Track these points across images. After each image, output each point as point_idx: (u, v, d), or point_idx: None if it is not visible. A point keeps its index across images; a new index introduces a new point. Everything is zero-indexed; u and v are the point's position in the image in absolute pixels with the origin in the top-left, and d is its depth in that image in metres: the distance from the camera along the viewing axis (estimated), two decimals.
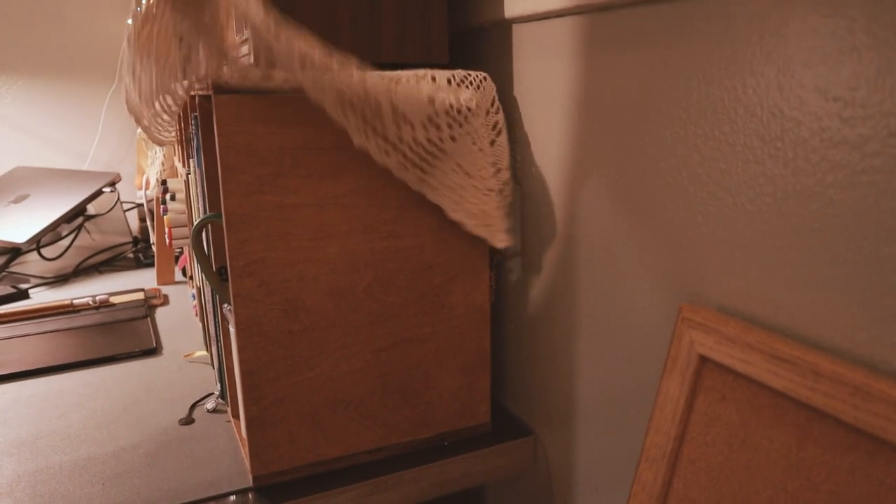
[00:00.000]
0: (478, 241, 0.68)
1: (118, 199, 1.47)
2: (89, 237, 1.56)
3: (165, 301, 1.20)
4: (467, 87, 0.63)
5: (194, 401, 0.82)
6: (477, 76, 0.64)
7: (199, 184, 0.72)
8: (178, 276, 1.34)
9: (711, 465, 0.45)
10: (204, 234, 0.72)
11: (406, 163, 0.61)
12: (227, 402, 0.77)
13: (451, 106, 0.62)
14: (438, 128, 0.62)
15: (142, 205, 1.53)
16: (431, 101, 0.60)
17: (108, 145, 1.69)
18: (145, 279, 1.34)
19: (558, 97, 0.62)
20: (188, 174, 0.84)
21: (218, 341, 0.76)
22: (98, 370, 0.92)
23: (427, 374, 0.69)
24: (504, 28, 0.68)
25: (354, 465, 0.68)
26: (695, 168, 0.49)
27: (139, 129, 1.18)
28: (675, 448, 0.47)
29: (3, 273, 1.39)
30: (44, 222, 1.31)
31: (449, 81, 0.62)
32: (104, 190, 1.39)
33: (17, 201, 1.41)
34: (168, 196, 1.02)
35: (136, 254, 1.51)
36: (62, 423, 0.78)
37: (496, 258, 0.77)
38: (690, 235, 0.50)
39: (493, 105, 0.65)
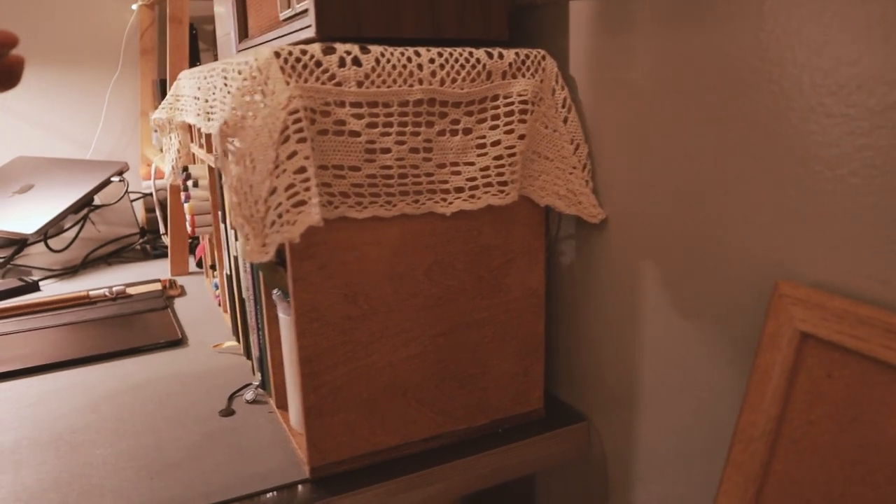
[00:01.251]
0: (534, 223, 0.66)
1: (127, 188, 1.43)
2: (94, 228, 1.52)
3: (182, 292, 1.16)
4: (524, 73, 0.61)
5: (232, 391, 0.79)
6: (536, 55, 0.62)
7: None
8: (192, 266, 1.31)
9: (818, 445, 0.43)
10: None
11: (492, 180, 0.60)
12: (268, 393, 0.75)
13: (512, 111, 0.60)
14: (506, 136, 0.60)
15: (149, 195, 1.50)
16: (483, 144, 0.59)
17: (112, 134, 1.65)
18: (157, 270, 1.31)
19: (624, 74, 0.60)
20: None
21: (259, 330, 0.73)
22: (123, 362, 0.89)
23: (483, 360, 0.67)
24: (560, 4, 0.66)
25: (410, 453, 0.66)
26: (788, 142, 0.48)
27: (154, 115, 1.15)
28: (774, 428, 0.45)
29: (9, 265, 1.35)
30: (52, 213, 1.27)
31: (504, 74, 0.60)
32: (112, 179, 1.35)
33: (21, 192, 1.36)
34: (190, 183, 0.99)
35: (144, 245, 1.47)
36: (95, 417, 0.75)
37: (547, 240, 0.76)
38: (781, 211, 0.49)
39: (557, 82, 0.63)
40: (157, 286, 1.16)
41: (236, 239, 0.75)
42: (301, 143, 0.52)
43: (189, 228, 1.00)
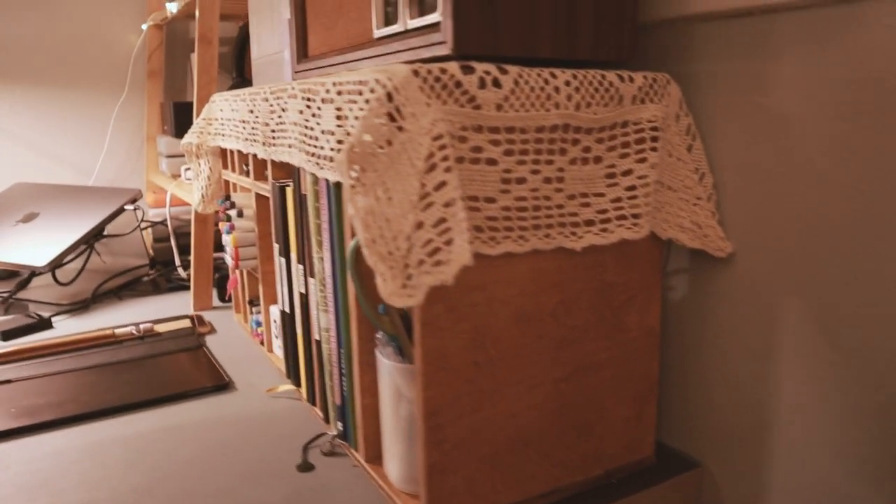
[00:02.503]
0: (654, 258, 0.62)
1: (142, 217, 1.34)
2: (99, 259, 1.43)
3: (212, 329, 1.09)
4: (651, 98, 0.57)
5: (303, 442, 0.72)
6: (661, 79, 0.58)
7: (328, 195, 0.64)
8: (214, 299, 1.23)
9: None
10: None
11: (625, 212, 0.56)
12: (351, 445, 0.68)
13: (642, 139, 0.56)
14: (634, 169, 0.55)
15: (160, 223, 1.41)
16: (613, 173, 0.55)
17: (115, 160, 1.56)
18: (175, 305, 1.23)
19: (759, 99, 0.57)
20: (283, 187, 0.75)
21: (343, 375, 0.67)
22: (168, 410, 0.81)
23: (601, 405, 0.62)
24: (682, 25, 0.62)
25: None
26: None
27: (184, 139, 1.08)
28: None
29: (11, 300, 1.25)
30: (62, 244, 1.18)
31: (634, 99, 0.56)
32: (126, 208, 1.27)
33: (25, 220, 1.27)
34: (234, 213, 0.93)
35: (157, 277, 1.38)
36: (158, 475, 0.67)
37: None
38: None
39: (681, 108, 0.60)
40: (186, 323, 1.08)
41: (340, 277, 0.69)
42: (448, 172, 0.46)
43: (231, 262, 0.93)
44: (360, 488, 0.64)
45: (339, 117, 0.55)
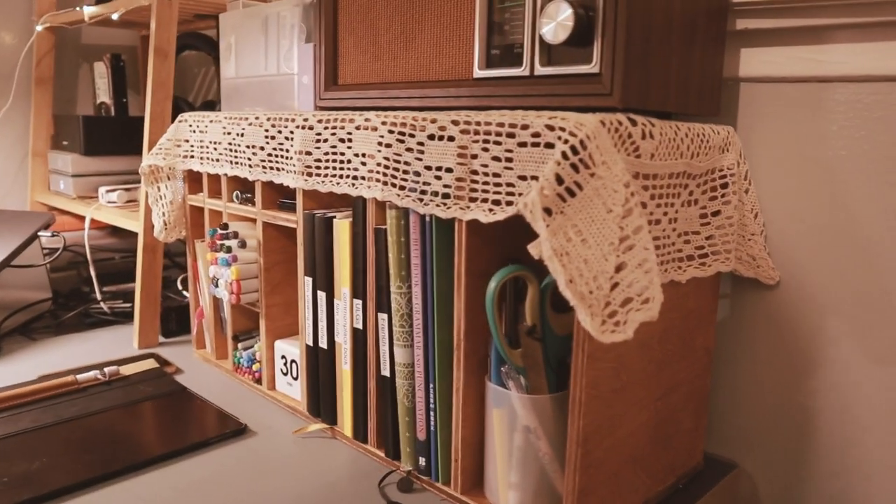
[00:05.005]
0: (714, 285, 0.70)
1: (63, 245, 1.18)
2: None
3: (178, 369, 0.99)
4: (727, 148, 0.66)
5: (371, 482, 0.70)
6: (730, 131, 0.67)
7: (423, 230, 0.64)
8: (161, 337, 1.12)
9: None
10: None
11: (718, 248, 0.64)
12: (438, 478, 0.68)
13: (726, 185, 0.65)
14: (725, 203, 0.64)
15: (67, 249, 1.24)
16: (705, 214, 0.63)
17: None
18: (107, 344, 1.09)
19: (808, 151, 0.68)
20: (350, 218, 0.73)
21: (432, 409, 0.67)
22: (189, 463, 0.74)
23: (677, 419, 0.69)
24: (744, 85, 0.71)
25: None
26: None
27: (151, 161, 0.97)
28: None
29: None
30: None
31: (720, 149, 0.65)
32: (42, 235, 1.10)
33: None
34: (234, 243, 0.87)
35: (61, 312, 1.21)
36: None
37: None
38: None
39: (741, 156, 0.69)
40: (151, 363, 0.97)
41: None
42: (642, 216, 0.51)
43: (231, 297, 0.87)
44: None
45: (496, 158, 0.56)
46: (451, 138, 0.60)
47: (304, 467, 0.73)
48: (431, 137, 0.62)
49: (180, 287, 1.25)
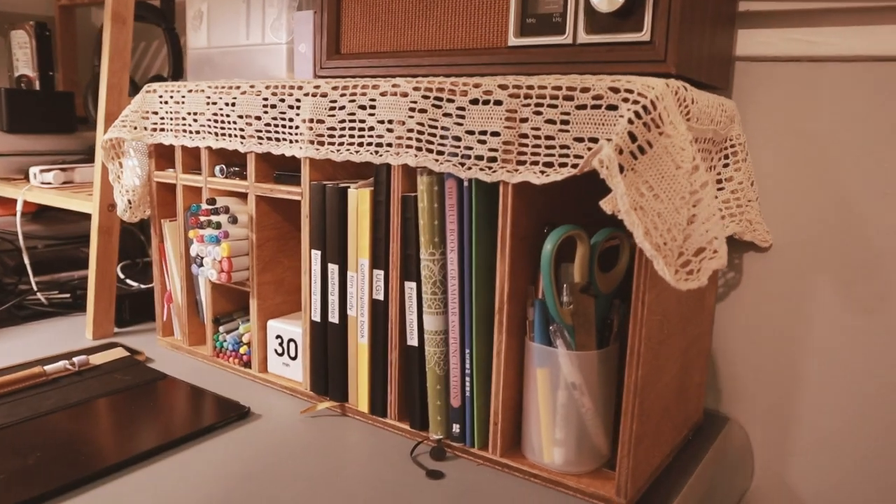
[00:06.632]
0: None
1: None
2: None
3: (147, 357, 0.92)
4: (734, 119, 0.72)
5: (400, 454, 0.70)
6: (731, 102, 0.73)
7: (460, 195, 0.64)
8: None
9: None
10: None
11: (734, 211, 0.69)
12: (473, 444, 0.68)
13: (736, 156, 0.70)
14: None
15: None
16: (720, 179, 0.68)
17: None
18: (54, 336, 1.00)
19: (799, 124, 0.75)
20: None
21: (468, 375, 0.67)
22: (197, 449, 0.70)
23: (691, 373, 0.74)
24: (741, 63, 0.77)
25: (667, 466, 0.69)
26: None
27: (114, 134, 0.89)
28: None
29: None
30: None
31: (730, 119, 0.70)
32: None
33: None
34: (225, 218, 0.83)
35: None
36: None
37: None
38: None
39: (741, 127, 0.75)
40: (120, 352, 0.90)
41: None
42: (707, 172, 0.54)
43: (222, 275, 0.83)
44: (510, 481, 0.65)
45: (549, 121, 0.58)
46: (497, 102, 0.61)
47: (323, 446, 0.71)
48: (474, 102, 0.62)
49: (122, 275, 1.16)
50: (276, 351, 0.85)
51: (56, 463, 0.64)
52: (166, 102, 0.89)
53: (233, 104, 0.81)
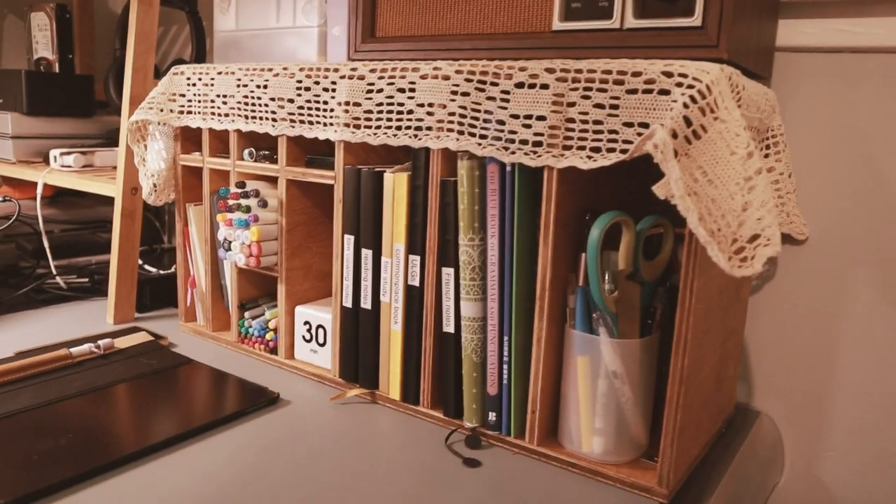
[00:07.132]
0: None
1: (18, 212, 1.04)
2: None
3: (170, 342, 0.92)
4: (775, 109, 0.71)
5: (437, 442, 0.69)
6: (773, 93, 0.72)
7: (502, 180, 0.63)
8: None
9: None
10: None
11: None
12: (510, 432, 0.68)
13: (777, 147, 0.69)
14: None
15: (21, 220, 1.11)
16: (760, 169, 0.67)
17: None
18: (74, 320, 0.99)
19: (841, 114, 0.74)
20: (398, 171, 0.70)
21: (506, 362, 0.67)
22: (228, 435, 0.69)
23: (726, 365, 0.73)
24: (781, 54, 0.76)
25: (702, 459, 0.68)
26: None
27: (140, 116, 0.88)
28: None
29: None
30: None
31: (773, 109, 0.69)
32: None
33: None
34: (255, 202, 0.82)
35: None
36: None
37: None
38: None
39: (780, 118, 0.74)
40: (144, 336, 0.89)
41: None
42: (761, 159, 0.53)
43: (251, 259, 0.82)
44: (548, 470, 0.64)
45: (598, 105, 0.57)
46: (544, 86, 0.60)
47: (356, 433, 0.70)
48: (520, 86, 0.62)
49: (140, 261, 1.15)
50: (303, 337, 0.85)
51: (88, 445, 0.63)
52: (194, 84, 0.88)
53: (265, 86, 0.80)
